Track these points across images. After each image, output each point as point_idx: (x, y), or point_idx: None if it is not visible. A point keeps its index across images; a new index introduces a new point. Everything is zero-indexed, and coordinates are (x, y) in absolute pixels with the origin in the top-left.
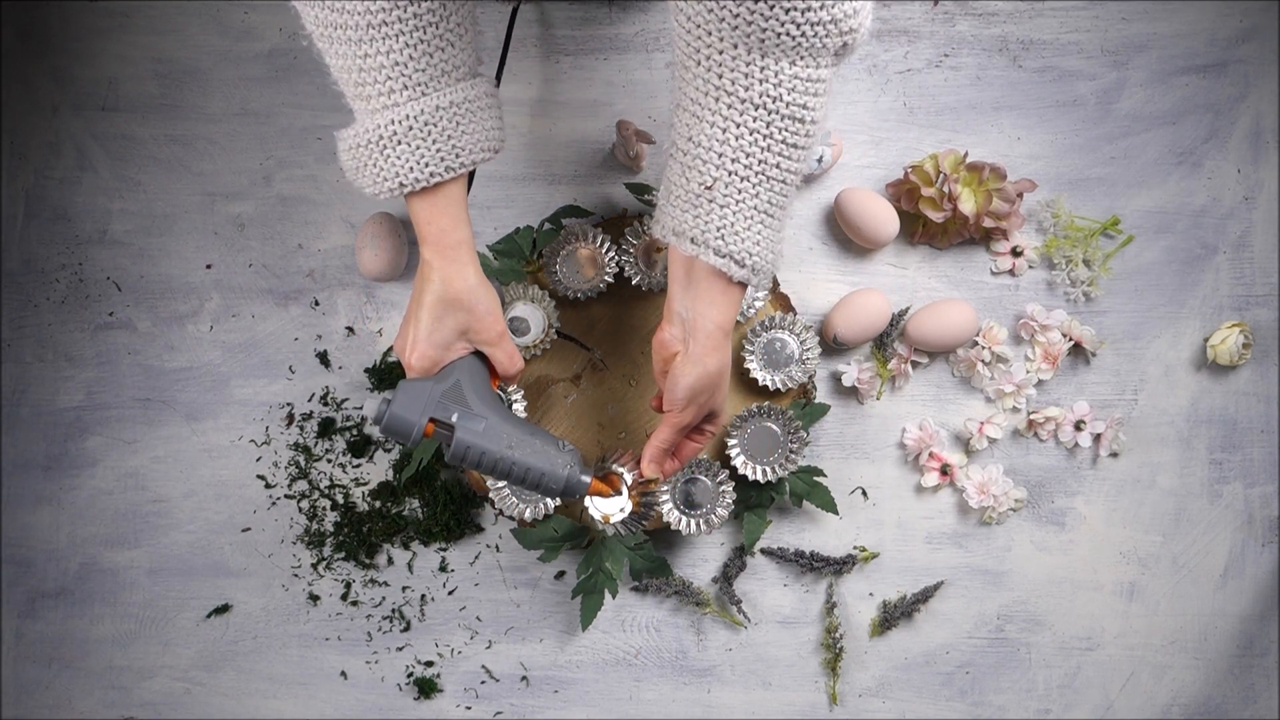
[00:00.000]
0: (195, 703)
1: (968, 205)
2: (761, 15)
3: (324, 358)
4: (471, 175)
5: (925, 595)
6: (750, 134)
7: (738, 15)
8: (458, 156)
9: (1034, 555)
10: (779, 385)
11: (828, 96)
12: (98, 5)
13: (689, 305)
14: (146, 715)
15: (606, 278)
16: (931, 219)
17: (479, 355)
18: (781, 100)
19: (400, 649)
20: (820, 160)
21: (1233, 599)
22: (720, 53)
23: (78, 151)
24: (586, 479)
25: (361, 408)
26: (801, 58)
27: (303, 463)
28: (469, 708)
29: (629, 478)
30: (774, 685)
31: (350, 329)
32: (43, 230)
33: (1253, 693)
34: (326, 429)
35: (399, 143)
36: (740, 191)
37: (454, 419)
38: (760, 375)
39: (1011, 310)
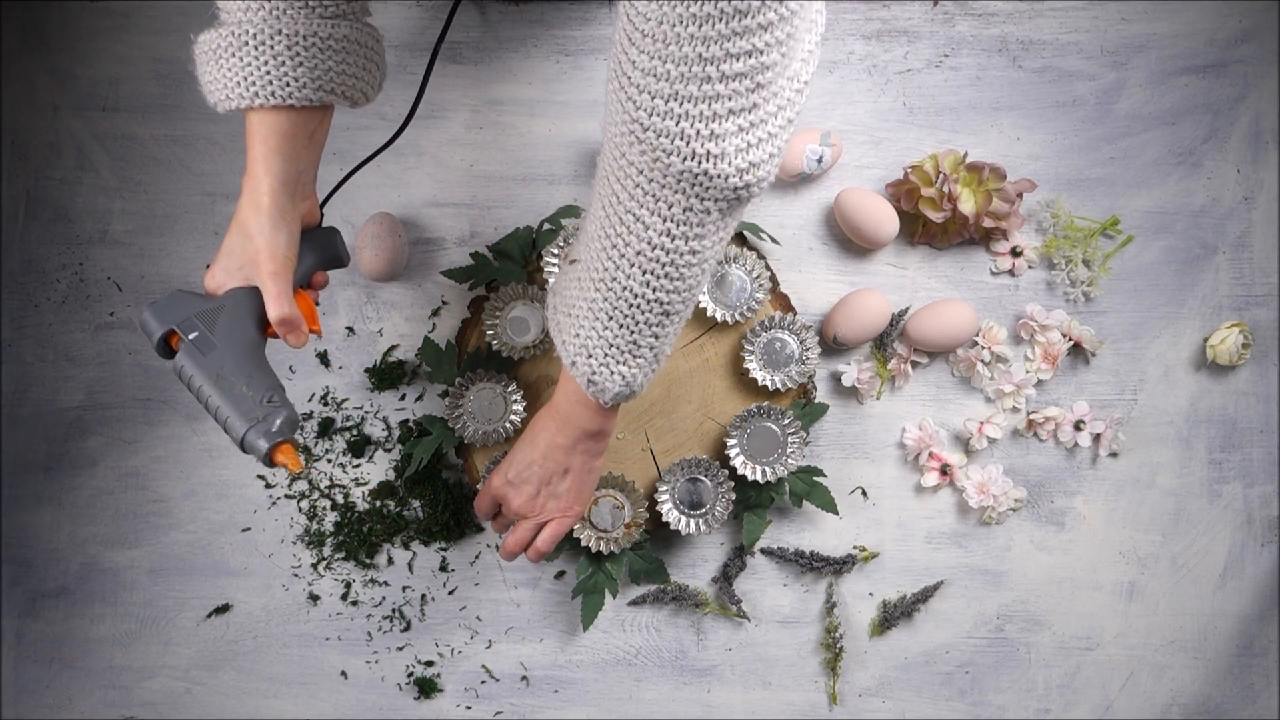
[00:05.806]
0: (195, 702)
1: (967, 205)
2: (640, 125)
3: (324, 358)
4: (327, 126)
5: (925, 595)
6: (603, 233)
7: (624, 113)
8: (317, 85)
9: (1034, 555)
10: (779, 385)
11: (709, 240)
12: (98, 5)
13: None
14: (147, 715)
15: None
16: (931, 219)
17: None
18: (637, 219)
19: (400, 649)
20: (820, 160)
21: (1232, 599)
22: (613, 143)
23: (78, 152)
24: (265, 443)
25: (361, 407)
26: (660, 179)
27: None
28: (469, 707)
29: None
30: (774, 685)
31: (350, 329)
32: (43, 230)
33: (1252, 692)
34: (326, 429)
35: (261, 45)
36: (584, 284)
37: (190, 337)
38: (760, 375)
39: (1011, 310)
